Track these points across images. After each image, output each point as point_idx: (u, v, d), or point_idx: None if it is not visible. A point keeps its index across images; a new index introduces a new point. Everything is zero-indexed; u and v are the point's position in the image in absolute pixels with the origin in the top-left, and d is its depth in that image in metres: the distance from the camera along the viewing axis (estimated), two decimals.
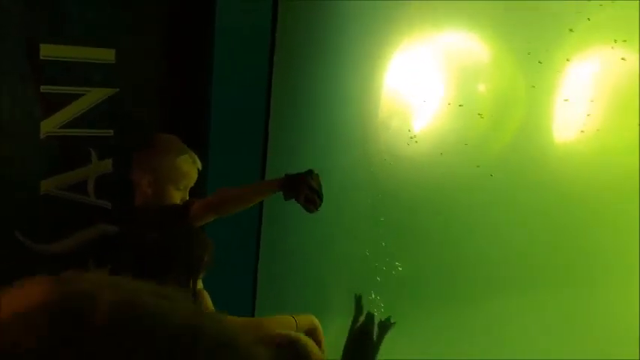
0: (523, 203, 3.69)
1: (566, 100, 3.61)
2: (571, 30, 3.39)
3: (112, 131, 2.84)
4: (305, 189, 2.29)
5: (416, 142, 3.48)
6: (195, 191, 2.67)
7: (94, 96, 2.78)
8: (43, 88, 2.69)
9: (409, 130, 3.51)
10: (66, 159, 2.79)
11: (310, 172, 2.36)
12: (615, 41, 3.38)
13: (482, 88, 3.62)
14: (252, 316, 3.26)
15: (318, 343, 2.20)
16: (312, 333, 2.26)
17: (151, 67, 2.89)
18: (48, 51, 2.67)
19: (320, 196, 2.34)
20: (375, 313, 3.19)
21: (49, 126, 2.72)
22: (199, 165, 2.54)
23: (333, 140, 3.36)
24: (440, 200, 3.61)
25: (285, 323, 2.30)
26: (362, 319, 3.16)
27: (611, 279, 3.89)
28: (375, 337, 3.10)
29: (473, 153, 3.54)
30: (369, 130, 3.45)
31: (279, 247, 3.29)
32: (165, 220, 2.40)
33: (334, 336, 3.03)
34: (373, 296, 3.36)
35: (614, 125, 3.73)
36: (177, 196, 2.50)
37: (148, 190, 2.46)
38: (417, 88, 3.49)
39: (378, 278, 3.52)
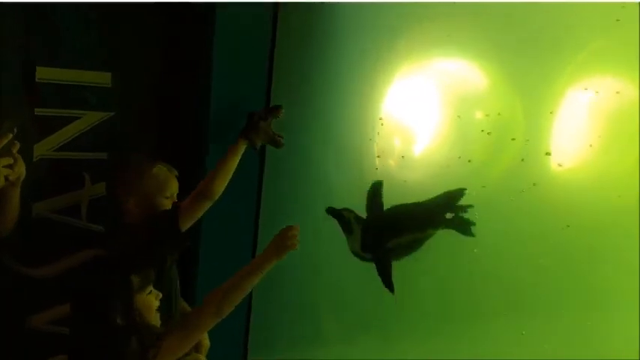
0: (521, 229, 3.68)
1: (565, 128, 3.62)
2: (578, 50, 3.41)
3: (105, 155, 2.83)
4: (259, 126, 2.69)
5: (411, 162, 3.48)
6: None
7: (89, 119, 2.78)
8: (38, 111, 2.68)
9: (405, 149, 3.51)
10: (59, 182, 2.77)
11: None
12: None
13: (480, 111, 3.62)
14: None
15: None
16: None
17: (147, 91, 2.89)
18: (44, 74, 2.67)
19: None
20: None
21: (43, 149, 2.71)
22: (175, 172, 2.64)
23: (330, 146, 3.37)
24: None
25: None
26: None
27: (611, 306, 3.87)
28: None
29: (471, 177, 3.53)
30: (366, 144, 3.45)
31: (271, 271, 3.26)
32: (155, 225, 2.49)
33: None
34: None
35: (614, 152, 3.74)
36: (168, 204, 2.60)
37: (135, 209, 2.55)
38: (415, 103, 3.48)
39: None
